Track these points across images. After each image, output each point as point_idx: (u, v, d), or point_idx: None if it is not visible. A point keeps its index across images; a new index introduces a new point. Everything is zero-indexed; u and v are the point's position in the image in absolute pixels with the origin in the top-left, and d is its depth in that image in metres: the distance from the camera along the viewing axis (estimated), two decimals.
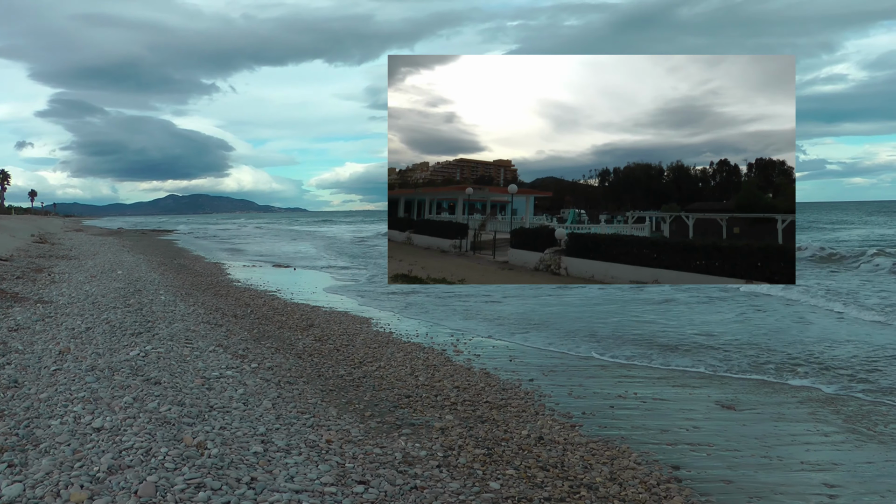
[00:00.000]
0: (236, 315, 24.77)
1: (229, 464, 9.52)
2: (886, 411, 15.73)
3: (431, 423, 13.11)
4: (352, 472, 9.85)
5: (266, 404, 12.93)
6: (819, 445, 13.49)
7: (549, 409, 15.09)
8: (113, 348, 16.56)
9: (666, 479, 11.12)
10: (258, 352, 18.21)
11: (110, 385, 13.13)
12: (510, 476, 10.55)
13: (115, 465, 9.08)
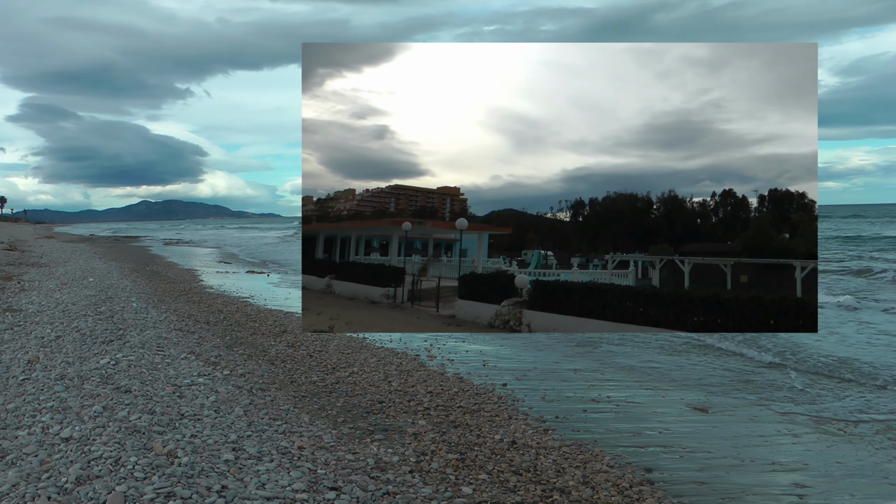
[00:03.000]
0: (209, 322, 24.65)
1: (200, 472, 9.45)
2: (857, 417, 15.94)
3: (404, 429, 13.08)
4: (324, 478, 9.81)
5: (238, 411, 12.86)
6: (790, 446, 13.59)
7: (522, 413, 15.10)
8: (83, 357, 16.42)
9: (639, 482, 11.15)
10: (231, 359, 18.12)
11: (80, 394, 13.02)
12: (483, 481, 10.54)
13: (83, 476, 9.00)
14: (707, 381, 18.53)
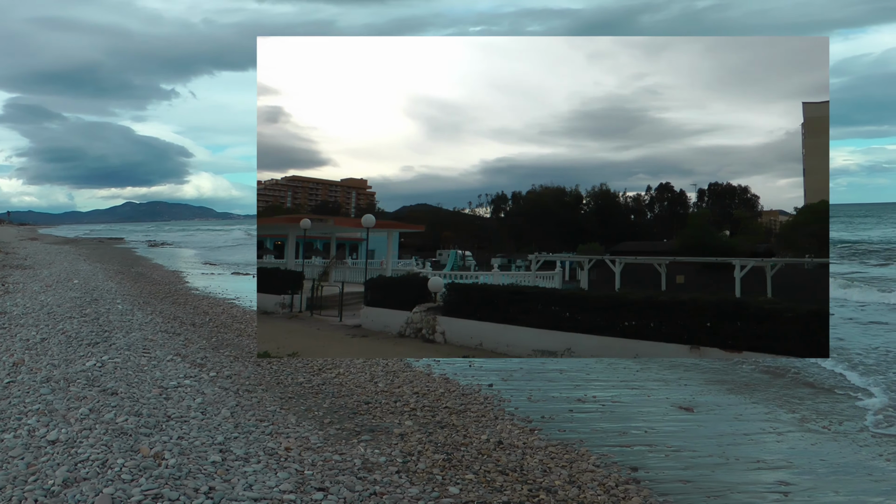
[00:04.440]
0: (195, 323, 24.62)
1: (187, 474, 9.46)
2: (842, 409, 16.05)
3: (391, 429, 13.10)
4: (311, 479, 9.83)
5: (224, 413, 12.87)
6: (774, 445, 13.67)
7: (508, 413, 15.14)
8: (69, 359, 16.39)
9: (624, 481, 11.20)
10: (217, 360, 18.11)
11: (66, 396, 13.01)
12: (469, 481, 10.57)
13: (70, 478, 9.01)
14: (692, 382, 18.63)
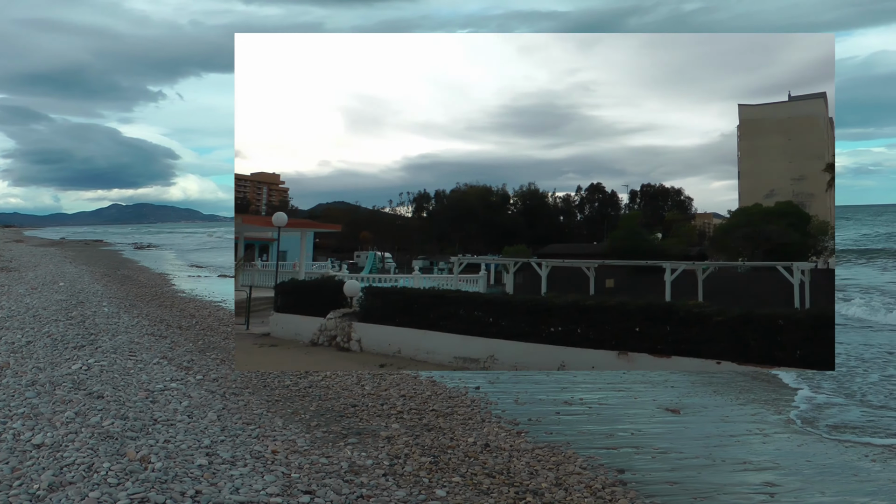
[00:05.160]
0: (181, 326, 24.57)
1: (173, 477, 9.44)
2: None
3: (378, 432, 13.11)
4: (297, 482, 9.82)
5: (211, 416, 12.84)
6: (761, 446, 13.75)
7: (495, 416, 15.17)
8: (54, 362, 16.33)
9: (611, 483, 11.23)
10: (203, 363, 18.08)
11: (51, 400, 12.95)
12: (456, 483, 10.59)
13: (56, 483, 8.97)
14: (679, 384, 18.70)
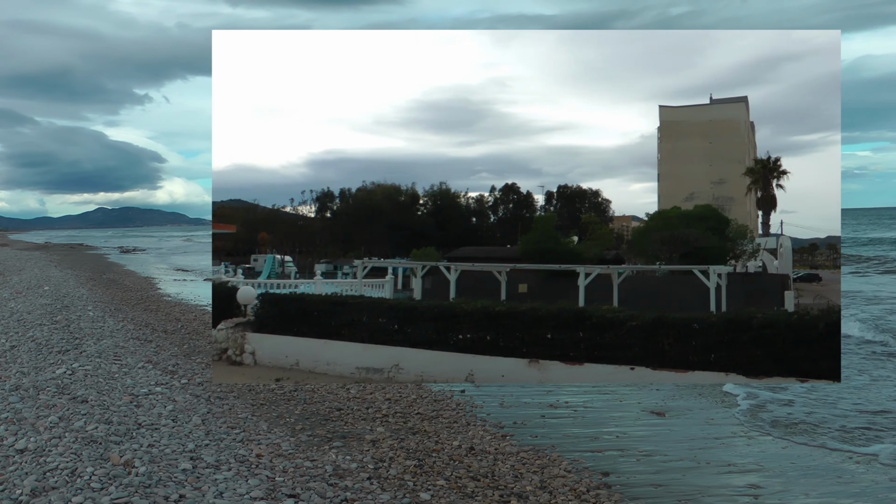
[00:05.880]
0: (167, 330, 24.51)
1: (157, 482, 9.42)
2: None
3: (363, 436, 13.10)
4: (282, 485, 9.81)
5: (196, 420, 12.82)
6: (745, 448, 13.82)
7: (480, 419, 15.18)
8: (38, 367, 16.28)
9: (596, 486, 11.26)
10: (188, 367, 18.03)
11: (35, 405, 12.92)
12: (441, 487, 10.59)
13: (39, 488, 8.94)
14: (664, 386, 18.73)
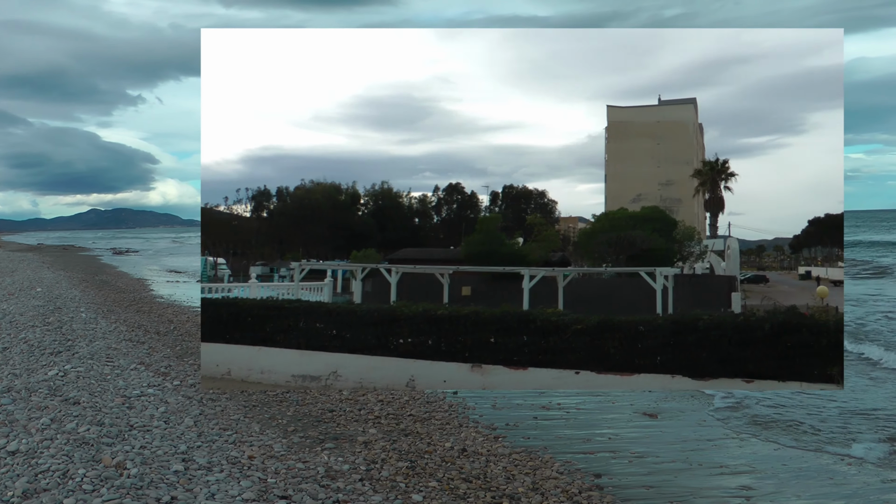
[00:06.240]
0: (159, 332, 24.47)
1: (149, 483, 9.41)
2: None
3: (355, 437, 13.10)
4: (274, 487, 9.81)
5: (188, 422, 12.80)
6: (737, 450, 13.85)
7: (472, 421, 15.19)
8: (31, 368, 16.25)
9: (588, 488, 11.27)
10: (181, 369, 18.00)
11: (27, 406, 12.89)
12: (433, 488, 10.60)
13: (30, 489, 8.93)
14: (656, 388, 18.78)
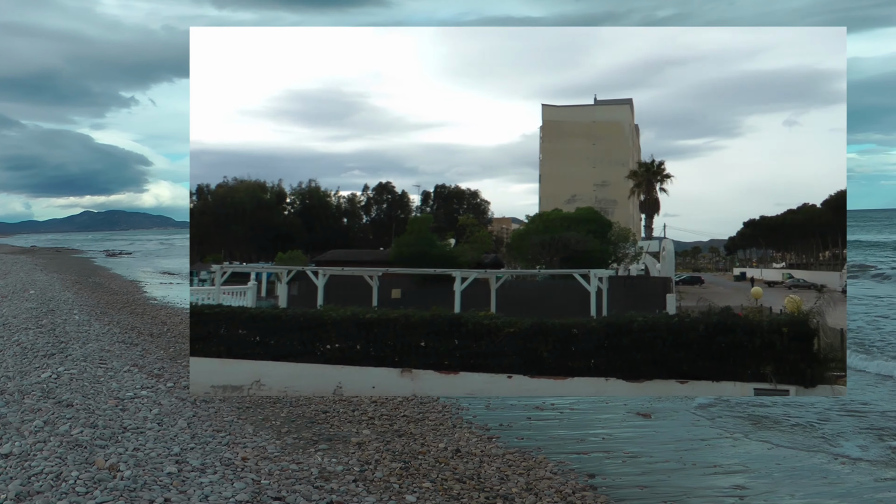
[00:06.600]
0: (153, 334, 24.43)
1: (142, 485, 9.40)
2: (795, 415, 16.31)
3: (348, 438, 13.10)
4: (267, 488, 9.80)
5: (181, 424, 12.79)
6: (730, 449, 13.86)
7: (466, 421, 15.19)
8: (24, 371, 16.22)
9: (581, 488, 11.28)
10: (174, 370, 17.98)
11: (20, 409, 12.87)
12: (427, 489, 10.60)
13: (23, 492, 8.91)
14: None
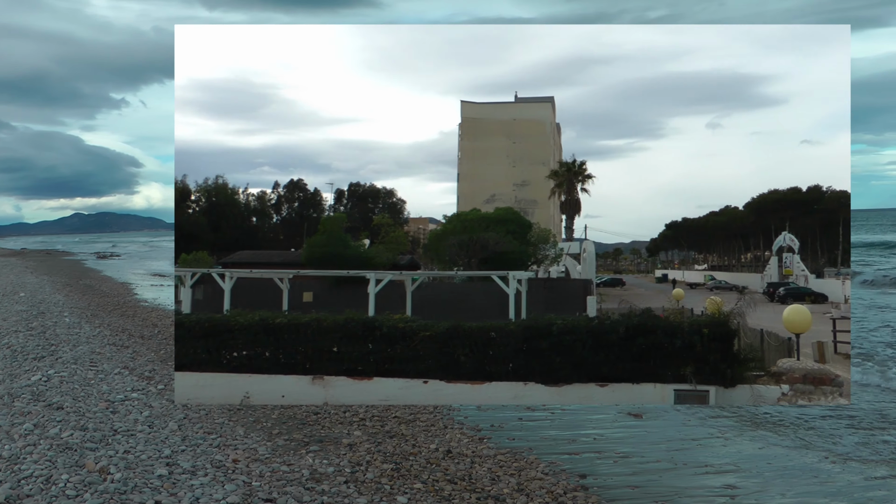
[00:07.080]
0: (143, 336, 24.39)
1: (133, 488, 9.38)
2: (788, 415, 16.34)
3: (339, 440, 13.09)
4: (258, 490, 9.79)
5: (172, 426, 12.77)
6: (721, 449, 13.88)
7: (457, 422, 15.19)
8: (13, 374, 16.18)
9: (573, 488, 11.28)
10: (165, 373, 17.94)
11: (10, 412, 12.84)
12: (418, 490, 10.59)
13: (13, 496, 8.89)
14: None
